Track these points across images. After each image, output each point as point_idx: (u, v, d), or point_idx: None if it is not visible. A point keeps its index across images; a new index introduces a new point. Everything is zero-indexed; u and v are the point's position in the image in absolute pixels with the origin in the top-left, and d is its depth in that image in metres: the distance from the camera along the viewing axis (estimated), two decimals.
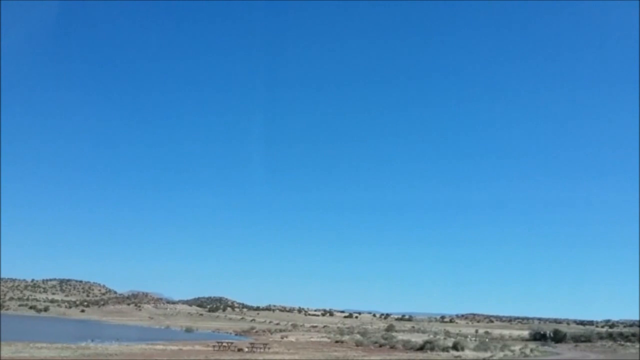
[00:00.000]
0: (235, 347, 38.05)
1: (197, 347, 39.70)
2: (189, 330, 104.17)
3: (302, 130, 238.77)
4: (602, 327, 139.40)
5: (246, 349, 37.15)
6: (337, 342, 64.05)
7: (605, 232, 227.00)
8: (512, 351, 44.22)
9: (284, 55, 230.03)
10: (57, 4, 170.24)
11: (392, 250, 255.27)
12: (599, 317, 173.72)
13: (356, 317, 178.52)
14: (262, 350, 37.39)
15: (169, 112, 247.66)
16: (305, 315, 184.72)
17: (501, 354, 41.29)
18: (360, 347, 53.66)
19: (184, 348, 37.87)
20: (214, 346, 38.40)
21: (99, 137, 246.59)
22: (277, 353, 37.49)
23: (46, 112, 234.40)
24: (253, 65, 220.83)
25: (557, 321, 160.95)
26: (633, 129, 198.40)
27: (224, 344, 38.13)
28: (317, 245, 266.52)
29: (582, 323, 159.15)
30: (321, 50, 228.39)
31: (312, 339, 70.02)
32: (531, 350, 44.57)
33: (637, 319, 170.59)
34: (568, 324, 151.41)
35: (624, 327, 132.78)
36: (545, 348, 56.72)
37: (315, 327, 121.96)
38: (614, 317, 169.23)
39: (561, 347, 62.31)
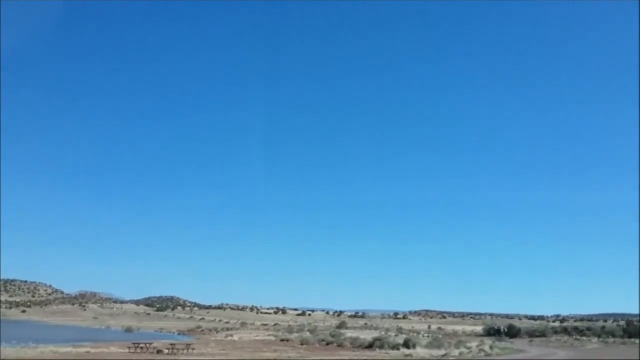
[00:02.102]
0: (154, 348, 32.90)
1: (113, 349, 34.43)
2: (128, 330, 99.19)
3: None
4: (554, 321, 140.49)
5: (166, 351, 32.09)
6: (282, 340, 60.35)
7: (553, 230, 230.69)
8: (469, 348, 40.57)
9: (284, 53, 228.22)
10: (57, 4, 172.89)
11: (347, 248, 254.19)
12: (549, 312, 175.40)
13: (309, 315, 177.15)
14: (184, 351, 32.39)
15: (168, 111, 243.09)
16: (258, 313, 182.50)
17: (457, 352, 37.50)
18: (304, 346, 49.78)
19: (95, 350, 32.52)
20: (129, 348, 33.15)
21: (69, 135, 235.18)
22: (202, 355, 32.62)
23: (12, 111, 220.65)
24: (252, 64, 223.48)
25: (509, 316, 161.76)
26: (633, 128, 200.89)
27: (141, 345, 32.92)
28: (271, 244, 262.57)
29: (533, 318, 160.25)
30: (321, 48, 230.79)
31: (257, 338, 66.66)
32: (491, 348, 41.08)
33: (586, 313, 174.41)
34: (520, 319, 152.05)
35: (575, 321, 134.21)
36: (504, 344, 53.86)
37: (266, 325, 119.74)
38: (563, 312, 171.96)
39: (518, 343, 59.96)
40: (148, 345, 33.08)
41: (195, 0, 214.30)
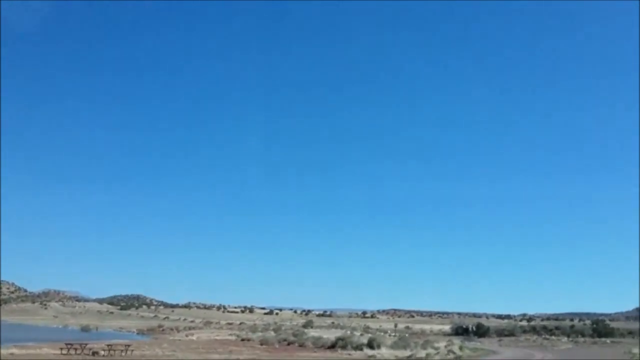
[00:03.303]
0: (89, 349, 29.57)
1: (45, 350, 30.99)
2: (85, 329, 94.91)
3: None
4: (520, 320, 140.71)
5: (102, 352, 28.78)
6: (242, 340, 57.82)
7: (518, 230, 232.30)
8: (436, 349, 38.22)
9: (282, 56, 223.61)
10: (56, 4, 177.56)
11: (316, 247, 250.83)
12: (515, 311, 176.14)
13: (277, 313, 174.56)
14: (122, 352, 29.15)
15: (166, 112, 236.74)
16: (224, 312, 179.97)
17: (423, 353, 35.08)
18: (263, 346, 47.10)
19: (21, 351, 29.04)
20: (61, 348, 29.72)
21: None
22: (142, 356, 29.46)
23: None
24: (251, 66, 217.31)
25: (476, 315, 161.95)
26: (632, 128, 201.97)
27: (74, 346, 29.55)
28: (240, 243, 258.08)
29: (500, 317, 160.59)
30: (319, 51, 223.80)
31: (217, 337, 63.99)
32: (460, 348, 38.79)
33: (552, 312, 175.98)
34: (487, 317, 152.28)
35: (541, 320, 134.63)
36: (473, 344, 51.88)
37: (231, 324, 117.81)
38: (530, 311, 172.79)
39: (487, 342, 58.24)
40: (83, 346, 29.74)
41: (194, 1, 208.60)
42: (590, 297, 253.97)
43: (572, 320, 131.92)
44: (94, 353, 28.99)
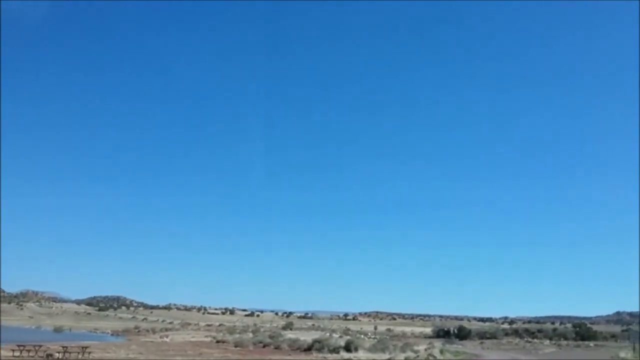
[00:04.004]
0: (43, 351, 27.49)
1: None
2: (58, 330, 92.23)
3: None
4: (502, 323, 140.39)
5: (57, 354, 26.69)
6: (218, 342, 56.04)
7: (499, 232, 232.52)
8: (416, 352, 36.64)
9: (283, 57, 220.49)
10: (56, 4, 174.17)
11: (298, 249, 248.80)
12: (497, 313, 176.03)
13: (258, 315, 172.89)
14: (79, 355, 27.08)
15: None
16: (204, 314, 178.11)
17: (402, 356, 33.46)
18: (237, 348, 45.38)
19: None
20: (13, 350, 27.56)
21: None
22: (101, 358, 27.34)
23: None
24: (252, 67, 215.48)
25: (457, 318, 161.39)
26: (632, 127, 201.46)
27: (27, 348, 27.43)
28: (221, 244, 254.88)
29: (482, 319, 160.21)
30: (320, 52, 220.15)
31: (192, 339, 61.94)
32: (441, 352, 37.22)
33: (534, 315, 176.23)
34: (469, 320, 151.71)
35: (523, 323, 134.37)
36: (455, 347, 50.39)
37: (210, 325, 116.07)
38: (511, 314, 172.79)
39: (469, 345, 56.87)
40: (37, 348, 27.63)
41: (194, 1, 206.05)
42: (570, 300, 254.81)
43: (553, 323, 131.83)
44: (48, 355, 26.92)
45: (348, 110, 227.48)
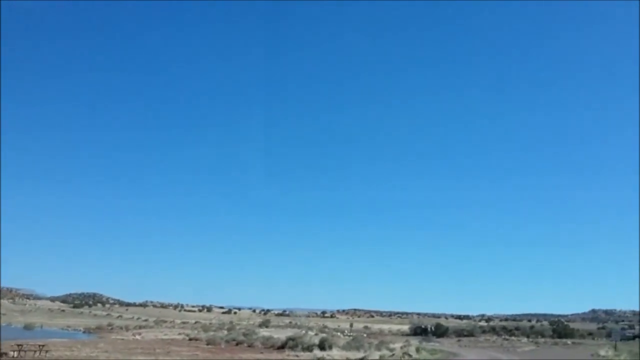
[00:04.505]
0: None
1: None
2: (28, 327, 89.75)
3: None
4: (479, 320, 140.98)
5: (12, 353, 25.06)
6: (190, 340, 54.75)
7: (476, 231, 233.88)
8: (392, 350, 35.69)
9: (283, 57, 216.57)
10: (56, 4, 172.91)
11: (276, 247, 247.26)
12: (474, 311, 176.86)
13: (235, 313, 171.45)
14: (35, 353, 25.49)
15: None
16: (181, 311, 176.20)
17: (377, 354, 32.45)
18: (209, 346, 44.04)
19: None
20: None
21: None
22: (59, 357, 25.80)
23: None
24: (252, 67, 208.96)
25: (435, 315, 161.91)
26: (632, 127, 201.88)
27: None
28: (200, 241, 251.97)
29: (459, 317, 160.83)
30: (320, 52, 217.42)
31: (164, 337, 60.66)
32: (417, 350, 36.32)
33: (510, 313, 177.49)
34: (446, 318, 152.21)
35: (500, 321, 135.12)
36: (432, 345, 49.64)
37: (186, 323, 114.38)
38: (488, 312, 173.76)
39: (446, 343, 56.26)
40: None
41: (194, 1, 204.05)
42: (546, 298, 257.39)
43: (530, 320, 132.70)
44: (2, 354, 25.27)
45: (348, 111, 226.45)
